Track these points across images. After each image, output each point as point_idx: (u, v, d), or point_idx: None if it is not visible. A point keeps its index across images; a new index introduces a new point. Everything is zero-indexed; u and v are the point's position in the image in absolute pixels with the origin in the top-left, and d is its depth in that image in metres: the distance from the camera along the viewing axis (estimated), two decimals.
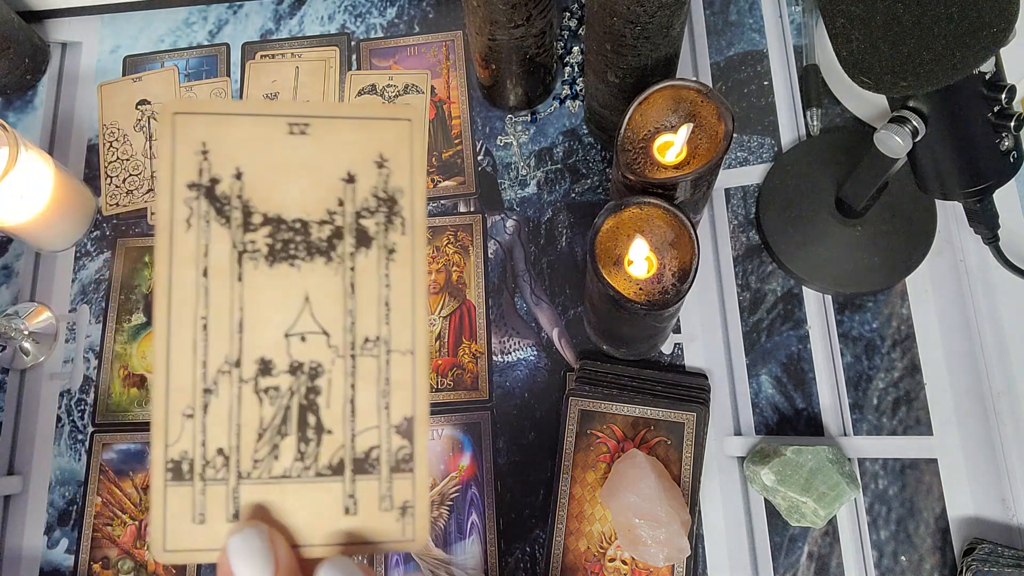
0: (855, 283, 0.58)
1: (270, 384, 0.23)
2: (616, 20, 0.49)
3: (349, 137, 0.23)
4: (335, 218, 0.23)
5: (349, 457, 0.23)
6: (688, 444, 0.54)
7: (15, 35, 0.68)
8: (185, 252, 0.23)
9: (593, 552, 0.54)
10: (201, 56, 0.72)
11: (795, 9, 0.67)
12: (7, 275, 0.66)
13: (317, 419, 0.23)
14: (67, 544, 0.58)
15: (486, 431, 0.58)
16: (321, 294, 0.23)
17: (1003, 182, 0.45)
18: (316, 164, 0.23)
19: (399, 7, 0.72)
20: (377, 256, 0.23)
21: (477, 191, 0.65)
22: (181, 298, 0.22)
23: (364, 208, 0.23)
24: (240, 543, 0.22)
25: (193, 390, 0.22)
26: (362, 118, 0.23)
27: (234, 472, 0.23)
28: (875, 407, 0.57)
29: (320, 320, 0.23)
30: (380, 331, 0.23)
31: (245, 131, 0.23)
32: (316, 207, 0.23)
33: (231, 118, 0.23)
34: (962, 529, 0.53)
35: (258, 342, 0.23)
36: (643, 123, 0.50)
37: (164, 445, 0.22)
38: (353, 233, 0.23)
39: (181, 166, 0.23)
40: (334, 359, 0.23)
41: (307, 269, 0.23)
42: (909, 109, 0.43)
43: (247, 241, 0.23)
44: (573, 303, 0.61)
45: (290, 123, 0.23)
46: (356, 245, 0.23)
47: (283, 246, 0.23)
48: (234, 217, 0.23)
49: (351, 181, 0.23)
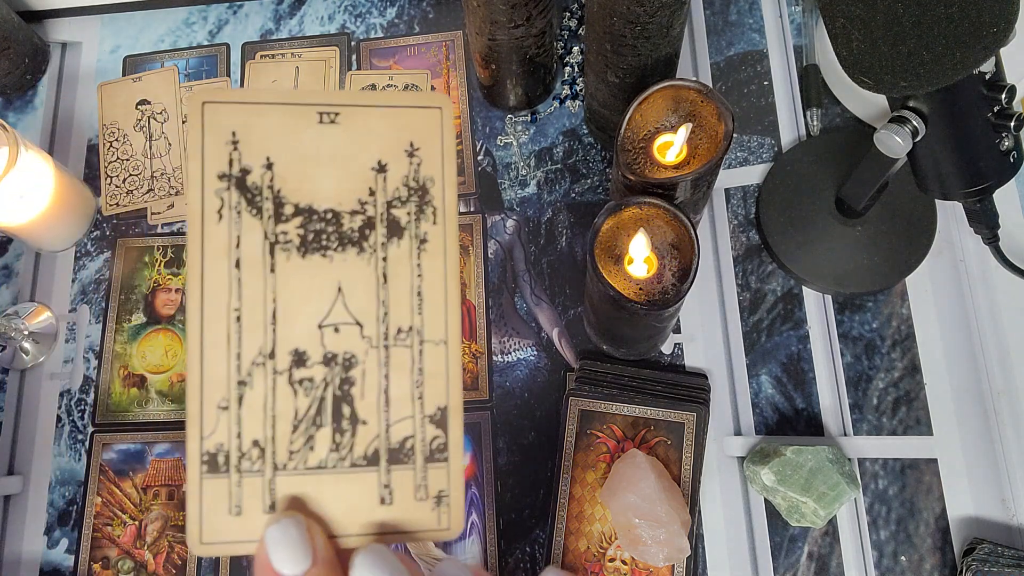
0: (855, 283, 0.58)
1: (304, 375, 0.23)
2: (616, 20, 0.49)
3: (379, 126, 0.23)
4: (366, 208, 0.23)
5: (384, 447, 0.23)
6: (688, 444, 0.54)
7: (15, 35, 0.68)
8: (217, 244, 0.22)
9: (593, 552, 0.54)
10: (201, 56, 0.72)
11: (795, 9, 0.67)
12: (7, 275, 0.66)
13: (352, 410, 0.23)
14: (67, 544, 0.58)
15: (486, 431, 0.58)
16: (354, 285, 0.23)
17: (1003, 182, 0.45)
18: (346, 153, 0.23)
19: (399, 7, 0.72)
20: (409, 246, 0.23)
21: (477, 191, 0.65)
22: (214, 290, 0.22)
23: (395, 198, 0.23)
24: (278, 534, 0.21)
25: (228, 382, 0.22)
26: (392, 106, 0.23)
27: (270, 464, 0.23)
28: (875, 407, 0.57)
29: (353, 311, 0.23)
30: (413, 321, 0.23)
31: (275, 121, 0.23)
32: (347, 197, 0.23)
33: (261, 107, 0.22)
34: (962, 529, 0.53)
35: (292, 333, 0.23)
36: (643, 123, 0.50)
37: (200, 438, 0.22)
38: (385, 223, 0.23)
39: (211, 156, 0.22)
40: (367, 350, 0.23)
41: (339, 260, 0.23)
42: (909, 109, 0.43)
43: (279, 232, 0.23)
44: (573, 303, 0.61)
45: (320, 112, 0.23)
46: (388, 235, 0.23)
47: (315, 237, 0.23)
48: (265, 208, 0.23)
49: (382, 170, 0.23)
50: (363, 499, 0.23)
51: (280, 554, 0.21)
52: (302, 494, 0.23)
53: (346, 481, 0.23)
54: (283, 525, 0.22)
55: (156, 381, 0.62)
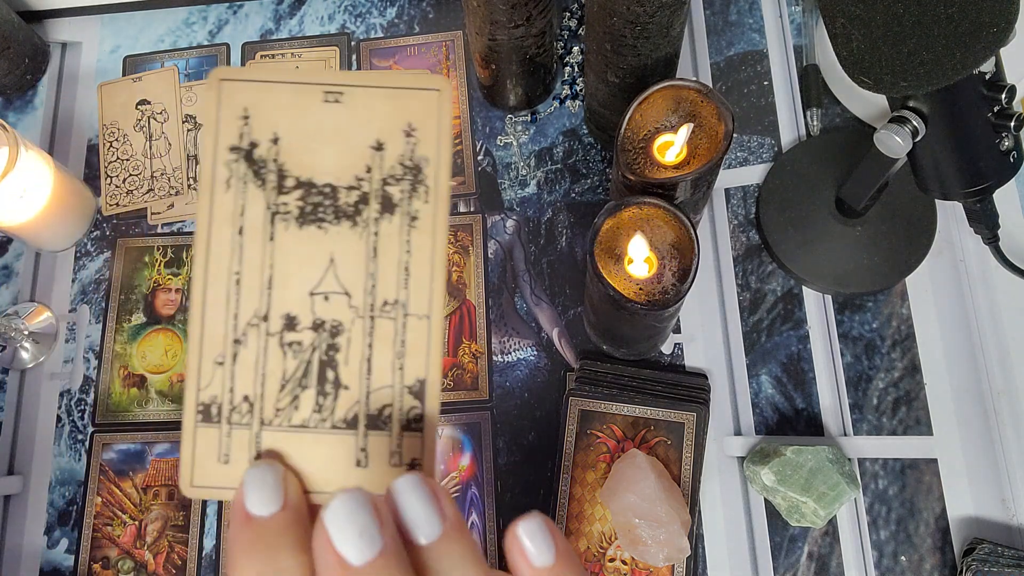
0: (855, 283, 0.58)
1: (294, 339, 0.24)
2: (616, 20, 0.49)
3: (380, 106, 0.24)
4: (362, 184, 0.24)
5: (363, 413, 0.24)
6: (688, 444, 0.54)
7: (15, 35, 0.68)
8: (224, 211, 0.24)
9: (593, 552, 0.54)
10: (201, 56, 0.72)
11: (795, 9, 0.67)
12: (7, 275, 0.66)
13: (336, 375, 0.24)
14: (67, 544, 0.58)
15: (486, 431, 0.58)
16: (345, 256, 0.24)
17: (1003, 182, 0.45)
18: (347, 131, 0.24)
19: (399, 7, 0.72)
20: (400, 222, 0.24)
21: (477, 191, 0.65)
22: (218, 254, 0.24)
23: (391, 176, 0.24)
24: (254, 476, 0.23)
25: (225, 340, 0.24)
26: (393, 87, 0.24)
27: (257, 419, 0.24)
28: (875, 407, 0.57)
29: (343, 281, 0.24)
30: (399, 295, 0.24)
31: (284, 98, 0.24)
32: (345, 173, 0.24)
33: (272, 85, 0.24)
34: (962, 529, 0.53)
35: (285, 299, 0.24)
36: (643, 123, 0.50)
37: (196, 389, 0.24)
38: (379, 199, 0.24)
39: (224, 130, 0.24)
40: (354, 319, 0.24)
41: (334, 232, 0.24)
42: (909, 109, 0.43)
43: (280, 203, 0.24)
44: (573, 303, 0.61)
45: (326, 91, 0.24)
46: (381, 211, 0.24)
47: (312, 209, 0.24)
48: (269, 180, 0.24)
49: (380, 149, 0.24)
50: (340, 460, 0.24)
51: (253, 495, 0.22)
52: (284, 449, 0.24)
53: (325, 441, 0.24)
54: (260, 469, 0.23)
55: (156, 381, 0.62)
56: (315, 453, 0.24)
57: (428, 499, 0.22)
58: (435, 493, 0.22)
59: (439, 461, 0.58)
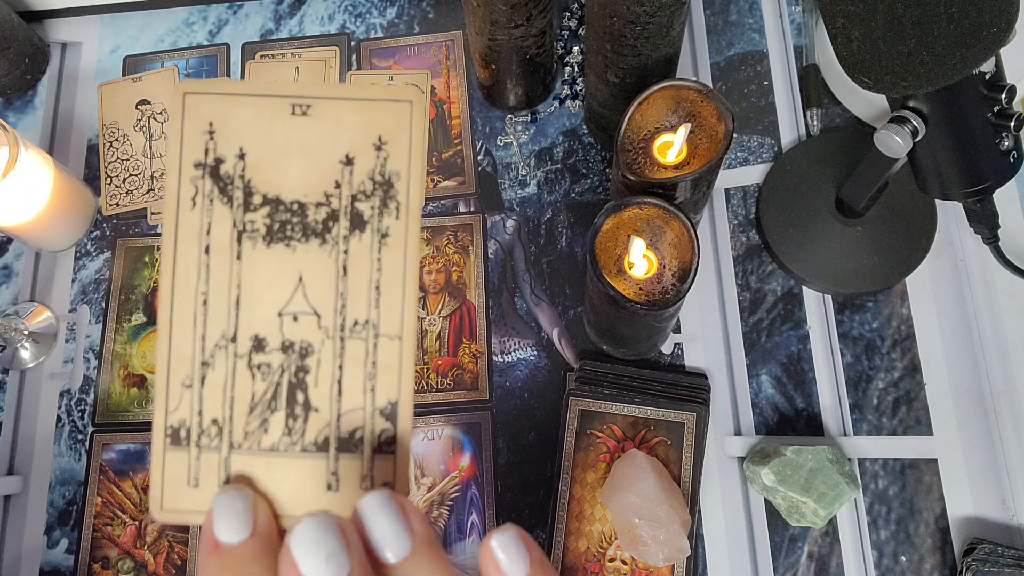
0: (855, 283, 0.58)
1: (263, 360, 0.24)
2: (616, 20, 0.49)
3: (349, 119, 0.23)
4: (331, 200, 0.23)
5: (334, 435, 0.24)
6: (688, 444, 0.54)
7: (15, 35, 0.68)
8: (190, 229, 0.23)
9: (593, 552, 0.54)
10: (201, 56, 0.72)
11: (795, 9, 0.67)
12: (7, 275, 0.66)
13: (305, 397, 0.24)
14: (67, 544, 0.58)
15: (486, 431, 0.58)
16: (314, 275, 0.23)
17: (1003, 182, 0.45)
18: (316, 146, 0.23)
19: (399, 7, 0.72)
20: (370, 240, 0.23)
21: (477, 191, 0.65)
22: (184, 273, 0.23)
23: (360, 191, 0.23)
24: (223, 503, 0.22)
25: (192, 362, 0.23)
26: (363, 99, 0.23)
27: (227, 442, 0.24)
28: (875, 407, 0.57)
29: (312, 301, 0.24)
30: (369, 315, 0.24)
31: (250, 111, 0.23)
32: (314, 189, 0.23)
33: (238, 98, 0.23)
34: (962, 529, 0.53)
35: (253, 319, 0.23)
36: (643, 123, 0.50)
37: (165, 411, 0.24)
38: (348, 216, 0.23)
39: (189, 145, 0.23)
40: (324, 340, 0.24)
41: (302, 250, 0.23)
42: (909, 109, 0.43)
43: (247, 221, 0.23)
44: (573, 303, 0.61)
45: (293, 104, 0.23)
46: (350, 228, 0.23)
47: (280, 227, 0.23)
48: (236, 197, 0.23)
49: (349, 163, 0.23)
50: (311, 483, 0.24)
51: (222, 522, 0.22)
52: (254, 473, 0.24)
53: (296, 465, 0.24)
54: (229, 495, 0.23)
55: None
56: (285, 477, 0.24)
57: (396, 516, 0.22)
58: (403, 510, 0.22)
59: (439, 461, 0.58)
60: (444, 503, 0.57)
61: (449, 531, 0.56)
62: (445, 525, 0.56)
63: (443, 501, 0.57)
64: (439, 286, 0.62)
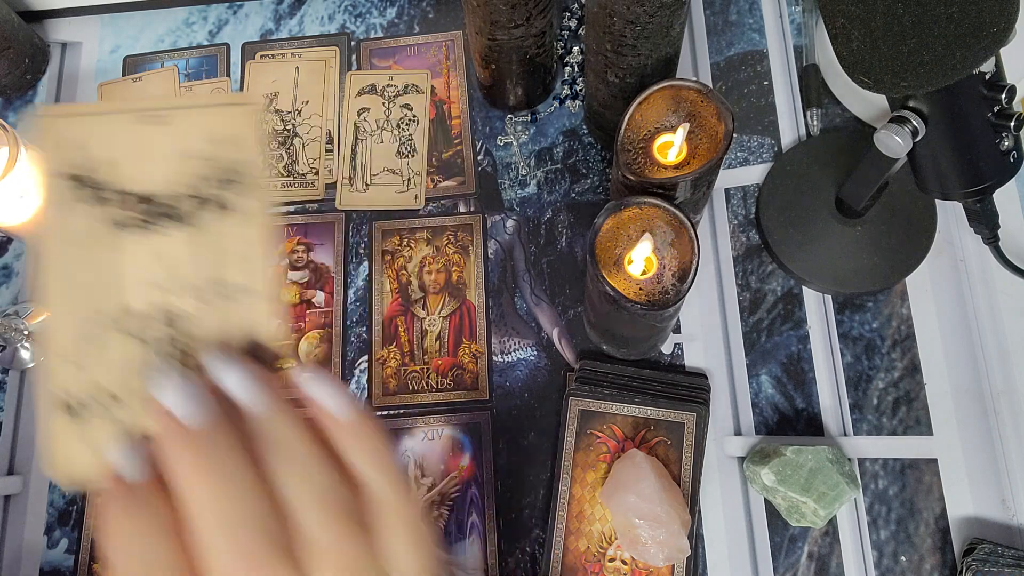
0: (855, 283, 0.58)
1: (137, 328, 0.27)
2: (616, 20, 0.49)
3: (198, 122, 0.28)
4: (191, 190, 0.28)
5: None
6: (688, 444, 0.54)
7: (15, 35, 0.68)
8: (68, 228, 0.27)
9: (593, 552, 0.54)
10: (201, 56, 0.72)
11: (795, 9, 0.67)
12: (7, 275, 0.66)
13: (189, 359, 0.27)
14: (67, 544, 0.58)
15: (486, 431, 0.58)
16: (181, 253, 0.27)
17: (1003, 182, 0.45)
18: (173, 147, 0.28)
19: (399, 7, 0.72)
20: (224, 216, 0.28)
21: (477, 191, 0.65)
22: (63, 264, 0.27)
23: (214, 179, 0.28)
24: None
25: (74, 337, 0.27)
26: (207, 106, 0.28)
27: (113, 406, 0.26)
28: (875, 407, 0.57)
29: (181, 274, 0.27)
30: (231, 277, 0.27)
31: (115, 126, 0.27)
32: (176, 183, 0.28)
33: (100, 117, 0.28)
34: (962, 529, 0.53)
35: (127, 297, 0.27)
36: (643, 123, 0.50)
37: (50, 383, 0.26)
38: (205, 200, 0.28)
39: (60, 160, 0.27)
40: (196, 305, 0.27)
41: (171, 233, 0.27)
42: (909, 109, 0.43)
43: (121, 216, 0.27)
44: (573, 303, 0.61)
45: (151, 116, 0.28)
46: (208, 209, 0.28)
47: (151, 217, 0.27)
48: (110, 199, 0.27)
49: (202, 158, 0.28)
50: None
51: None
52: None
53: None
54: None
55: None
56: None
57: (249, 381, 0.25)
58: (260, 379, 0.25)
59: (439, 461, 0.58)
60: (444, 503, 0.57)
61: (449, 531, 0.56)
62: (445, 525, 0.56)
63: (443, 501, 0.57)
64: (439, 286, 0.62)
